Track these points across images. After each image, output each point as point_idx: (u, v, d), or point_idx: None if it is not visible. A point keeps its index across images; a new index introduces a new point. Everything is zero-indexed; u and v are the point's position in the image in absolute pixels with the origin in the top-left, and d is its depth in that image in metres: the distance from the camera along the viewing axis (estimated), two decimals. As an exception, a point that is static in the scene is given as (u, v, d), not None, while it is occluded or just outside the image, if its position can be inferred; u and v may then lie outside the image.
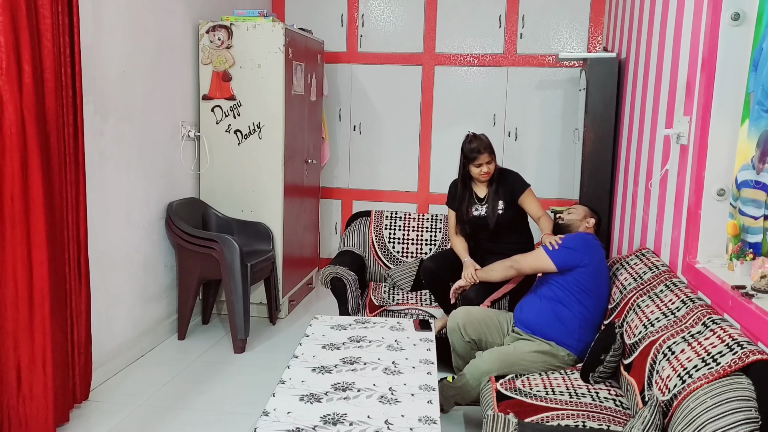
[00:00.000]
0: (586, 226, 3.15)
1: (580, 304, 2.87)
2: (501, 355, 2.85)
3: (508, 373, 2.75)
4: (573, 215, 3.20)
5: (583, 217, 3.18)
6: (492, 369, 2.78)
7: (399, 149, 5.55)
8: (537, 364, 2.81)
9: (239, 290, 3.80)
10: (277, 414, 2.07)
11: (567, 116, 5.24)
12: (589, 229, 3.15)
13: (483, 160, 3.43)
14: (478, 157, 3.42)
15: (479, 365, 2.83)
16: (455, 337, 3.11)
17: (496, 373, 2.75)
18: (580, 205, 3.39)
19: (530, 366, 2.80)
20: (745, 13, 2.37)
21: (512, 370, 2.77)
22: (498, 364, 2.79)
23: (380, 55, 5.48)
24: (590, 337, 2.84)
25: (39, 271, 2.68)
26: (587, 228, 3.15)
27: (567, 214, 3.24)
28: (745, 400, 1.69)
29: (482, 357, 2.87)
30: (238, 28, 4.24)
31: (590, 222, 3.16)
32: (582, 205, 3.34)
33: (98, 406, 3.16)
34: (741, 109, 2.38)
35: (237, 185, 4.38)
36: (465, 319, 3.09)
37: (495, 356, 2.84)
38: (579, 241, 2.98)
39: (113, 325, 3.52)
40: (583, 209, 3.24)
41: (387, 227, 4.16)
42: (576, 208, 3.26)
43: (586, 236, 3.04)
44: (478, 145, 3.42)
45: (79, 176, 2.95)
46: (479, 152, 3.41)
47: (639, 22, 3.82)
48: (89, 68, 3.16)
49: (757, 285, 2.06)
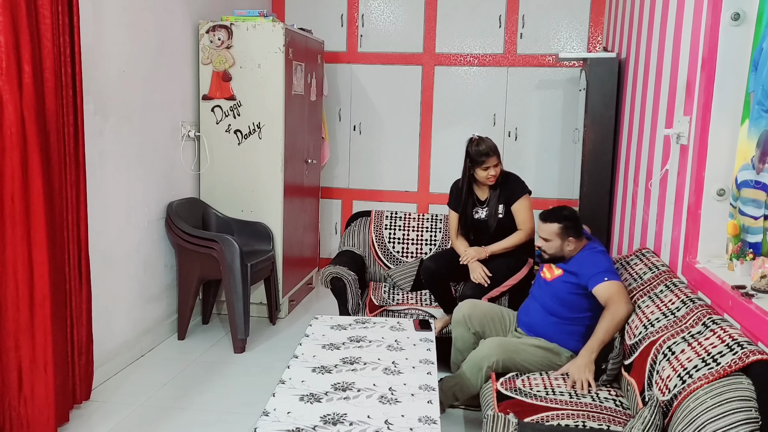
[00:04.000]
0: (570, 249, 2.86)
1: (587, 310, 2.82)
2: (502, 342, 2.84)
3: (508, 361, 2.74)
4: (552, 244, 2.87)
5: (562, 241, 2.86)
6: (492, 354, 2.75)
7: (399, 149, 5.55)
8: (537, 357, 2.79)
9: (239, 290, 3.80)
10: (277, 414, 2.07)
11: (567, 116, 5.24)
12: (576, 247, 2.87)
13: (491, 163, 3.41)
14: (486, 160, 3.39)
15: (479, 350, 2.82)
16: (459, 330, 3.08)
17: (495, 359, 2.72)
18: (545, 224, 2.90)
19: (530, 358, 2.78)
20: (745, 13, 2.37)
21: (511, 358, 2.75)
22: (498, 350, 2.76)
23: (380, 55, 5.48)
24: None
25: (39, 271, 2.68)
26: (571, 250, 2.86)
27: (546, 244, 2.89)
28: (745, 400, 1.69)
29: (483, 343, 2.86)
30: (238, 28, 4.24)
31: (571, 243, 2.86)
32: (545, 223, 2.90)
33: (99, 406, 3.16)
34: (741, 109, 2.38)
35: (237, 185, 4.37)
36: (471, 311, 3.07)
37: (496, 342, 2.82)
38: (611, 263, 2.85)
39: (113, 325, 3.52)
40: (555, 233, 2.86)
41: (387, 227, 4.16)
42: (548, 233, 2.88)
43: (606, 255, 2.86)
44: (486, 147, 3.40)
45: (79, 176, 2.95)
46: (487, 155, 3.39)
47: (639, 22, 3.82)
48: (89, 68, 3.16)
49: (757, 285, 2.06)
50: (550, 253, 2.90)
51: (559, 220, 2.87)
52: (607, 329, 2.61)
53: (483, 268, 3.40)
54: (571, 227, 2.87)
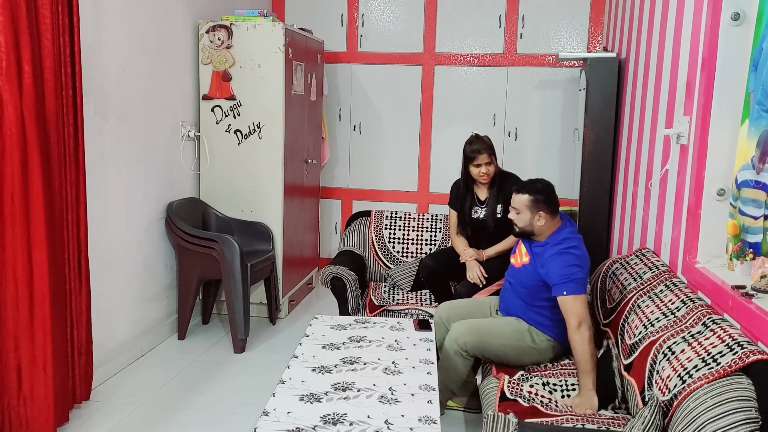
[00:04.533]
0: (540, 225, 2.78)
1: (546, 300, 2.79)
2: (472, 323, 2.85)
3: (478, 342, 2.75)
4: (522, 216, 2.80)
5: (532, 215, 2.78)
6: (461, 336, 2.77)
7: (399, 149, 5.55)
8: (510, 340, 2.78)
9: (239, 290, 3.80)
10: (277, 414, 2.07)
11: (567, 116, 5.24)
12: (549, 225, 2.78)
13: (482, 161, 3.44)
14: (477, 156, 3.43)
15: (450, 333, 2.84)
16: (441, 332, 3.03)
17: (465, 340, 2.75)
18: (517, 195, 2.84)
19: (502, 340, 2.78)
20: (745, 13, 2.37)
21: (480, 340, 2.76)
22: (468, 332, 2.78)
23: (380, 55, 5.48)
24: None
25: (39, 271, 2.68)
26: (541, 226, 2.78)
27: (517, 216, 2.83)
28: (745, 400, 1.69)
29: (453, 326, 2.87)
30: (238, 28, 4.24)
31: (542, 218, 2.76)
32: (517, 194, 2.83)
33: (98, 406, 3.16)
34: (741, 109, 2.38)
35: (237, 185, 4.37)
36: (447, 313, 3.07)
37: (465, 324, 2.84)
38: (584, 262, 2.75)
39: (113, 325, 3.52)
40: (525, 205, 2.78)
41: (387, 227, 4.16)
42: (519, 204, 2.81)
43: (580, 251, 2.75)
44: (478, 145, 3.44)
45: (79, 176, 2.95)
46: (479, 152, 3.42)
47: (639, 22, 3.82)
48: (89, 68, 3.16)
49: (757, 285, 2.06)
50: (520, 227, 2.84)
51: (530, 192, 2.80)
52: (584, 357, 2.55)
53: (480, 268, 3.41)
54: (542, 201, 2.78)
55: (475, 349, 2.79)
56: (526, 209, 2.80)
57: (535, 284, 2.82)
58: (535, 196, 2.79)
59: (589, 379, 2.52)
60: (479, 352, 2.79)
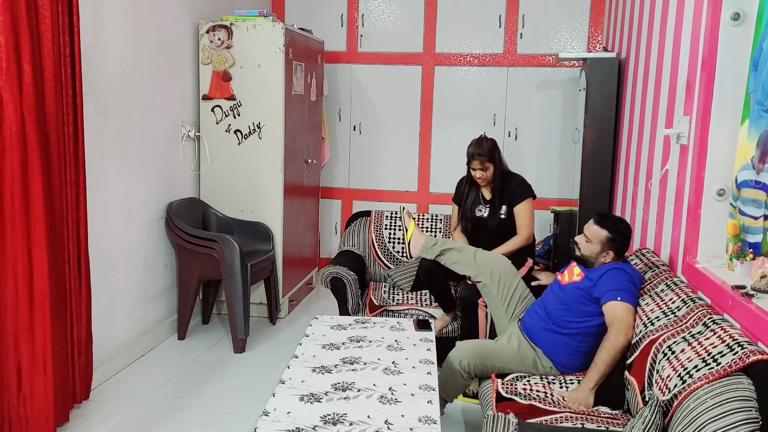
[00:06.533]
0: (603, 261, 2.73)
1: (587, 316, 2.71)
2: (476, 345, 2.83)
3: (480, 365, 2.72)
4: (592, 247, 2.74)
5: (601, 250, 2.72)
6: (464, 357, 2.73)
7: (399, 149, 5.55)
8: (514, 364, 2.75)
9: (239, 290, 3.80)
10: (277, 414, 2.07)
11: (567, 116, 5.24)
12: (605, 261, 2.74)
13: (476, 166, 3.51)
14: (471, 161, 3.52)
15: (454, 351, 2.81)
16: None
17: (467, 362, 2.71)
18: (596, 226, 2.76)
19: (505, 363, 2.75)
20: (745, 13, 2.37)
21: (484, 363, 2.73)
22: (470, 354, 2.75)
23: (380, 55, 5.48)
24: (578, 361, 2.73)
25: (39, 271, 2.68)
26: (604, 263, 2.73)
27: (585, 244, 2.76)
28: (745, 400, 1.69)
29: (459, 344, 2.84)
30: (238, 28, 4.24)
31: (608, 256, 2.72)
32: (596, 225, 2.76)
33: (98, 406, 3.16)
34: (741, 109, 2.38)
35: (237, 185, 4.37)
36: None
37: (470, 345, 2.82)
38: (639, 282, 2.69)
39: (113, 325, 3.52)
40: (600, 239, 2.72)
41: (387, 227, 4.16)
42: (593, 235, 2.74)
43: (636, 273, 2.73)
44: (473, 150, 3.52)
45: (79, 176, 2.95)
46: (473, 157, 3.51)
47: (639, 22, 3.82)
48: (89, 68, 3.16)
49: (757, 285, 2.06)
50: (584, 254, 2.76)
51: (610, 230, 2.72)
52: (606, 360, 2.49)
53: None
54: (617, 243, 2.72)
55: (476, 370, 2.74)
56: (599, 243, 2.73)
57: (580, 299, 2.70)
58: (614, 235, 2.72)
59: (595, 379, 2.50)
60: (480, 373, 2.76)
